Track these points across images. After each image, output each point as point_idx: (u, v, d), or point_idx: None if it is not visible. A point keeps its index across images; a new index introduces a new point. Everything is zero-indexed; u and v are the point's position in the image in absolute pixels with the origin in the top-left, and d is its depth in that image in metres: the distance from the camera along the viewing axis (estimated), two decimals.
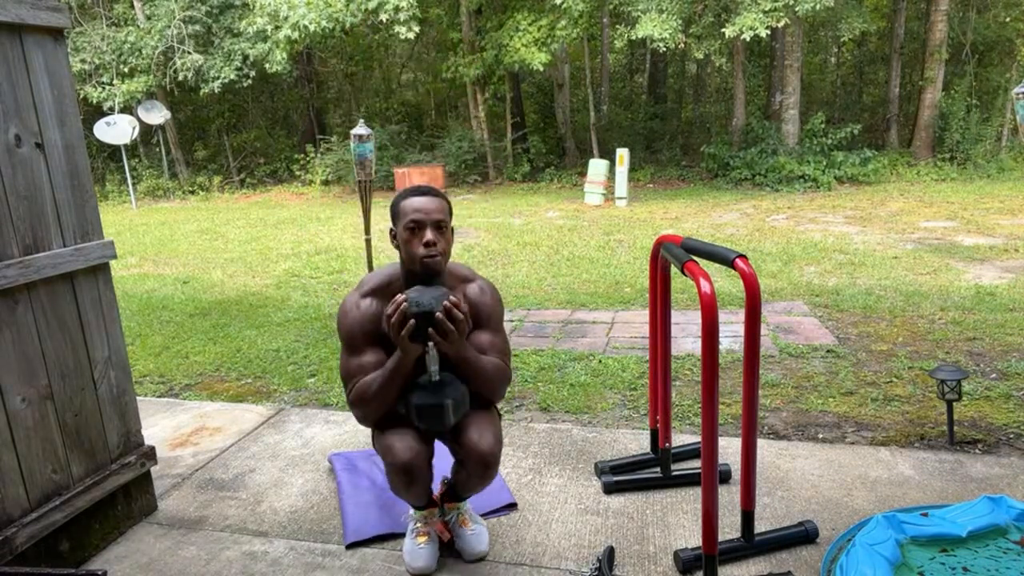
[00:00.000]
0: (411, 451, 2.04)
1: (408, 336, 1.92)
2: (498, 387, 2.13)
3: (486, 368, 2.08)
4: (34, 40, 2.14)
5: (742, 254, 1.99)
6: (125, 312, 5.75)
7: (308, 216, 11.90)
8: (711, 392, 1.95)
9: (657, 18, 11.67)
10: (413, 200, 2.04)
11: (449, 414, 2.00)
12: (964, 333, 4.29)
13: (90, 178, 2.34)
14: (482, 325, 2.17)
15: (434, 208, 2.03)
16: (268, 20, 13.07)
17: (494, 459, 2.08)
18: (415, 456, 2.04)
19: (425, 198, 2.05)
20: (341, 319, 2.13)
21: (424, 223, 2.01)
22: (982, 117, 13.65)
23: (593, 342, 4.46)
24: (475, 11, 14.98)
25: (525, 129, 17.11)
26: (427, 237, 2.00)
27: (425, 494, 2.18)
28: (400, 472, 2.04)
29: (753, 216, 9.71)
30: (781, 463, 2.77)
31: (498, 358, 2.14)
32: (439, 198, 2.07)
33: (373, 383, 2.04)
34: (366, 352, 2.10)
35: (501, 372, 2.13)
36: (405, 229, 2.03)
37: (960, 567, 2.04)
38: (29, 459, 2.12)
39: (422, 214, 2.01)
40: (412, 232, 2.02)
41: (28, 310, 2.13)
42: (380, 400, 2.05)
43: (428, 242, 2.00)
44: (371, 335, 2.10)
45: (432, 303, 1.91)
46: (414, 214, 2.01)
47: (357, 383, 2.08)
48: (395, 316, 1.91)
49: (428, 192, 2.07)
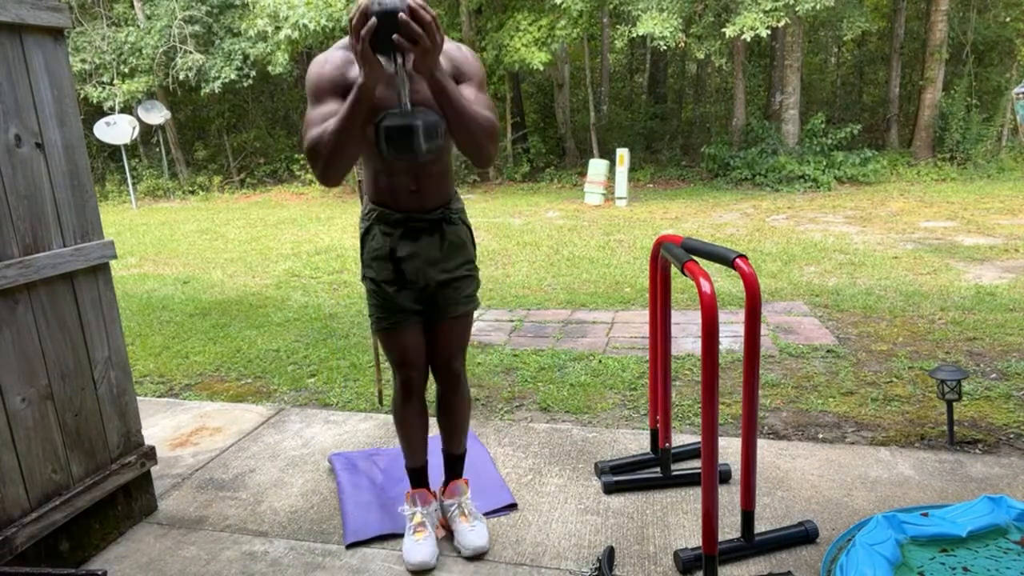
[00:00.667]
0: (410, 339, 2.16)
1: (369, 40, 1.69)
2: (485, 133, 1.90)
3: (468, 108, 1.86)
4: (34, 40, 2.14)
5: (742, 254, 1.99)
6: (125, 312, 5.75)
7: (308, 216, 11.90)
8: (711, 392, 1.95)
9: (658, 16, 11.67)
10: None
11: (419, 137, 1.80)
12: (964, 333, 4.29)
13: (90, 178, 2.35)
14: (463, 79, 1.98)
15: None
16: (268, 21, 13.07)
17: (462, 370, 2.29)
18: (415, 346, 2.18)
19: None
20: (310, 70, 1.94)
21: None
22: (982, 117, 13.65)
23: (593, 342, 4.46)
24: (475, 11, 14.98)
25: (525, 129, 17.11)
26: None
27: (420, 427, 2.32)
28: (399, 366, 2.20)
29: (753, 216, 9.71)
30: (781, 463, 2.77)
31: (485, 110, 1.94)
32: None
33: (331, 122, 1.81)
34: (330, 101, 1.89)
35: (487, 119, 1.90)
36: None
37: (960, 567, 2.04)
38: (29, 459, 2.12)
39: None
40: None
41: (28, 310, 2.13)
42: (340, 141, 1.80)
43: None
44: (339, 84, 1.90)
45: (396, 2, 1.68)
46: None
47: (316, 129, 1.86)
48: (356, 18, 1.69)
49: None
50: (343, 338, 4.76)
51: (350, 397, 3.72)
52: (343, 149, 1.82)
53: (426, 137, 1.81)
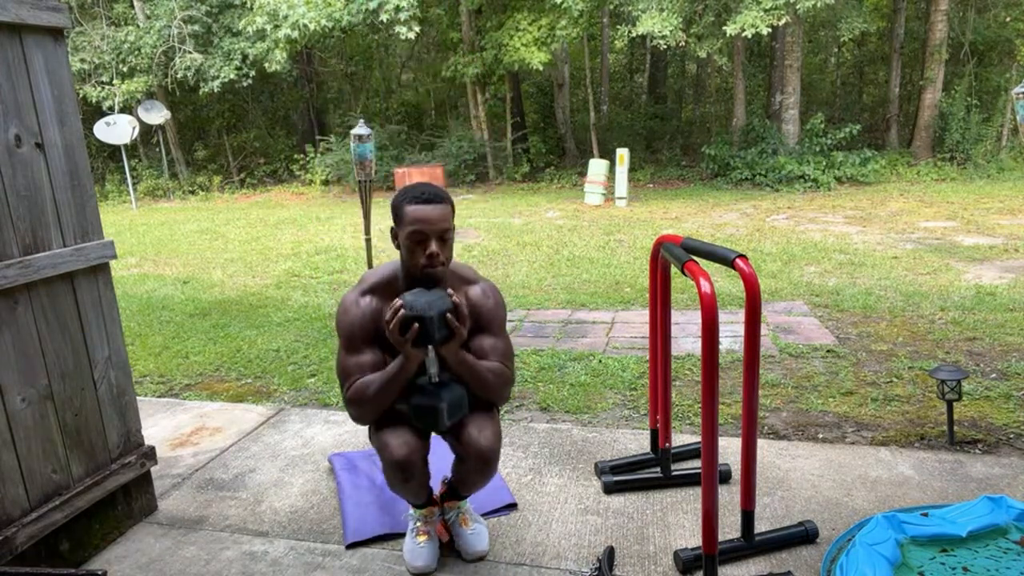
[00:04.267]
0: (406, 447, 2.04)
1: (411, 341, 1.90)
2: (499, 391, 2.12)
3: (485, 373, 2.07)
4: (34, 40, 2.14)
5: (742, 254, 1.99)
6: (125, 312, 5.74)
7: (308, 216, 11.89)
8: (711, 392, 1.95)
9: (658, 15, 11.67)
10: (417, 209, 1.95)
11: (444, 417, 2.00)
12: (964, 333, 4.29)
13: (90, 178, 2.34)
14: (484, 329, 2.14)
15: (439, 218, 1.96)
16: (268, 19, 13.07)
17: (494, 455, 2.08)
18: (410, 452, 2.04)
19: (430, 207, 1.95)
20: (340, 316, 2.10)
21: (428, 235, 1.96)
22: (982, 117, 13.64)
23: (593, 342, 4.46)
24: (475, 11, 14.98)
25: (525, 129, 17.11)
26: (431, 249, 1.96)
27: (423, 491, 2.18)
28: (396, 468, 2.04)
29: (753, 216, 9.71)
30: (781, 463, 2.77)
31: (500, 361, 2.12)
32: (444, 204, 1.99)
33: (371, 384, 2.03)
34: (364, 351, 2.07)
35: (502, 376, 2.11)
36: (407, 238, 1.97)
37: (960, 567, 2.04)
38: (29, 459, 2.12)
39: (426, 225, 1.95)
40: (415, 242, 1.97)
41: (28, 310, 2.13)
42: (378, 402, 2.03)
43: (432, 255, 1.96)
44: (370, 333, 2.08)
45: (429, 307, 1.89)
46: (418, 224, 1.95)
47: (355, 382, 2.05)
48: (394, 322, 1.89)
49: (432, 199, 1.97)
50: None
51: None
52: (380, 406, 2.05)
53: (450, 415, 2.02)
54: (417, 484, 2.12)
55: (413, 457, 2.05)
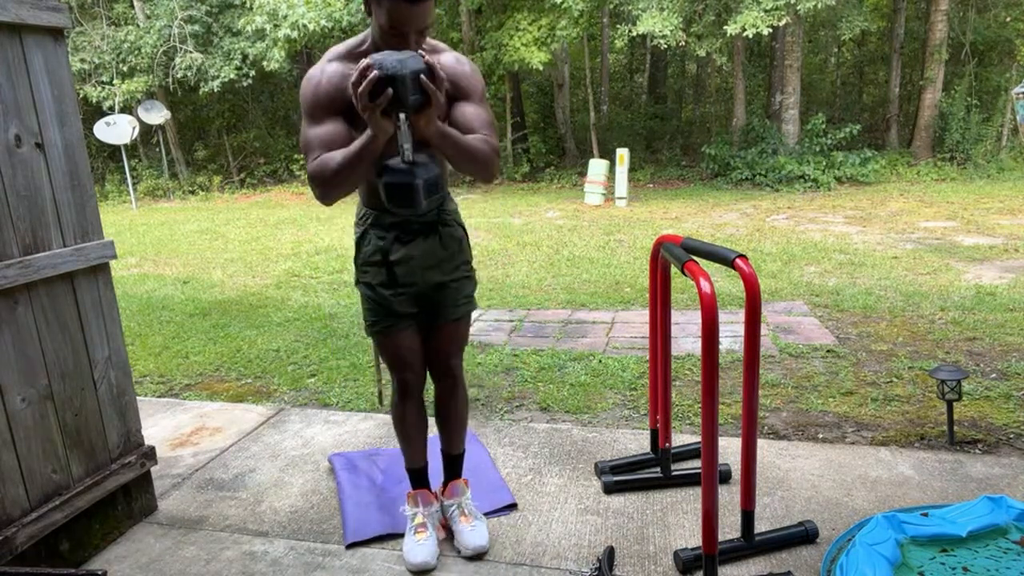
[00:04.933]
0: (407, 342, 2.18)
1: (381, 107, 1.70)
2: (487, 162, 1.93)
3: (471, 144, 1.88)
4: (34, 40, 2.14)
5: (742, 254, 1.99)
6: (125, 312, 5.74)
7: (308, 216, 11.90)
8: (711, 392, 1.95)
9: (658, 15, 11.67)
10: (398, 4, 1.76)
11: (420, 195, 1.82)
12: (964, 333, 4.29)
13: (90, 178, 2.34)
14: (463, 96, 1.97)
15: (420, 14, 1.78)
16: (267, 19, 13.06)
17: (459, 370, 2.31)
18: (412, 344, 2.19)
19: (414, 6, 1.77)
20: (304, 86, 1.92)
21: (407, 34, 1.80)
22: (982, 117, 13.64)
23: (593, 342, 4.46)
24: (475, 11, 14.98)
25: (525, 129, 17.11)
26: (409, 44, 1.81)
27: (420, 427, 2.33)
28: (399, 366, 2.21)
29: (753, 216, 9.71)
30: (781, 463, 2.77)
31: (484, 133, 1.95)
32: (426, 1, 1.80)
33: (335, 158, 1.83)
34: (328, 121, 1.90)
35: (490, 147, 1.93)
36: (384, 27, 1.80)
37: (960, 567, 2.04)
38: (29, 459, 2.12)
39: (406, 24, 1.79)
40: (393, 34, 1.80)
41: (28, 310, 2.13)
42: (342, 178, 1.84)
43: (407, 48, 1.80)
44: (335, 102, 1.90)
45: (401, 66, 1.68)
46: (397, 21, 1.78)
47: (319, 157, 1.86)
48: (363, 84, 1.67)
49: None
50: (343, 338, 4.76)
51: (350, 397, 3.72)
52: (345, 183, 1.85)
53: (426, 193, 1.84)
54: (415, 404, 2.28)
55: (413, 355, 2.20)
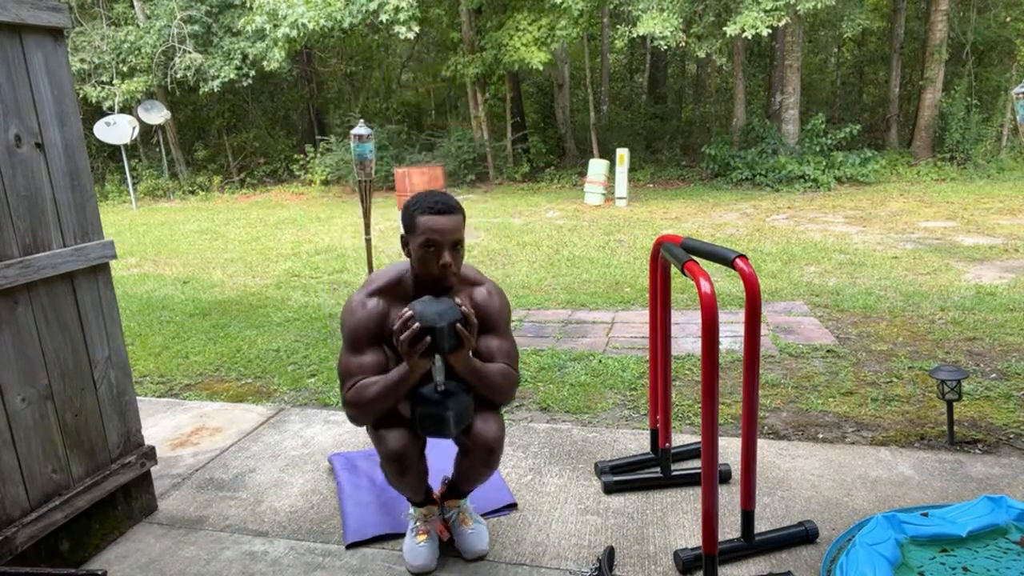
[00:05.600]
0: (402, 439, 2.05)
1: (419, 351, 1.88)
2: (506, 393, 2.11)
3: (493, 376, 2.06)
4: (34, 40, 2.14)
5: (742, 254, 1.99)
6: (125, 312, 5.74)
7: (308, 216, 11.89)
8: (711, 392, 1.95)
9: (658, 16, 11.67)
10: (431, 219, 1.95)
11: (451, 425, 1.98)
12: (964, 333, 4.29)
13: (90, 178, 2.34)
14: (489, 330, 2.14)
15: (452, 228, 1.96)
16: (267, 19, 13.07)
17: (498, 446, 2.10)
18: (406, 445, 2.05)
19: (443, 217, 1.95)
20: (346, 316, 2.09)
21: (441, 245, 1.96)
22: (982, 117, 13.64)
23: (593, 342, 4.46)
24: (475, 11, 14.98)
25: (525, 129, 17.11)
26: (444, 260, 1.96)
27: (420, 485, 2.19)
28: (392, 460, 2.05)
29: (753, 216, 9.71)
30: (781, 463, 2.77)
31: (506, 362, 2.12)
32: (456, 215, 1.99)
33: (372, 387, 2.00)
34: (367, 352, 2.06)
35: (509, 378, 2.10)
36: (420, 247, 1.97)
37: (960, 567, 2.04)
38: (29, 459, 2.12)
39: (439, 235, 1.95)
40: (427, 251, 1.96)
41: (28, 310, 2.13)
42: (377, 405, 2.01)
43: (445, 264, 1.96)
44: (375, 335, 2.07)
45: (440, 317, 1.86)
46: (431, 234, 1.94)
47: (356, 383, 2.04)
48: (405, 333, 1.87)
49: (445, 210, 1.97)
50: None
51: None
52: (379, 409, 2.03)
53: (456, 423, 2.00)
54: (414, 478, 2.13)
55: (408, 450, 2.05)
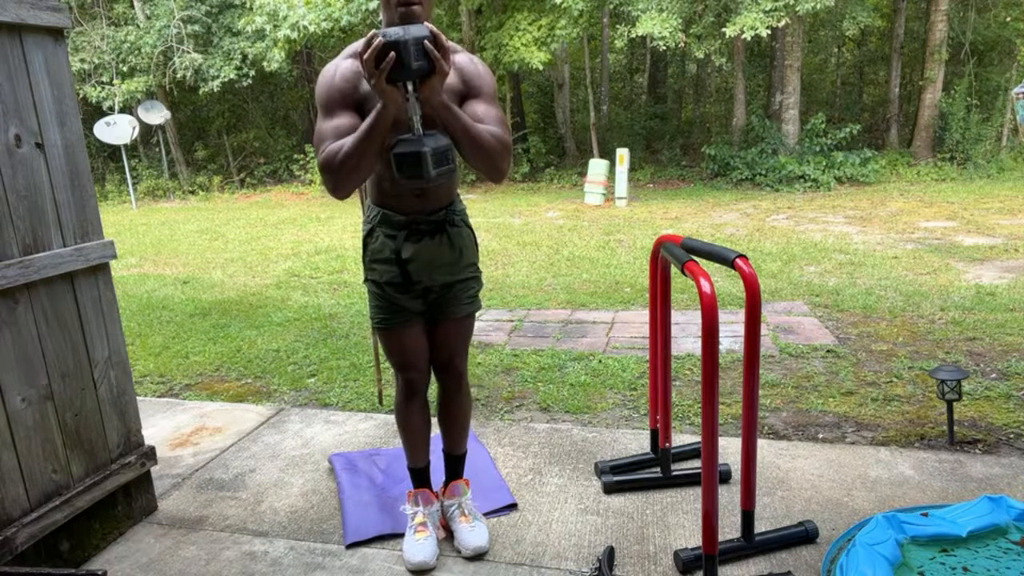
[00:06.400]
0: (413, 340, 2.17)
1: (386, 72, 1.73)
2: (497, 155, 1.96)
3: (480, 132, 1.91)
4: (34, 40, 2.14)
5: (742, 254, 1.99)
6: (125, 312, 5.74)
7: (308, 216, 11.89)
8: (711, 392, 1.95)
9: (657, 16, 11.67)
10: None
11: (428, 163, 1.83)
12: (964, 333, 4.29)
13: (90, 178, 2.35)
14: (475, 94, 2.01)
15: None
16: (267, 19, 13.07)
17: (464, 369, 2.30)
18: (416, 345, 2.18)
19: None
20: (319, 82, 1.98)
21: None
22: (982, 117, 13.64)
23: (593, 342, 4.46)
24: (475, 11, 14.98)
25: (525, 129, 17.11)
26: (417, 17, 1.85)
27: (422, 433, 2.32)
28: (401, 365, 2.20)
29: (753, 216, 9.71)
30: (781, 463, 2.77)
31: (495, 127, 1.98)
32: None
33: (346, 142, 1.86)
34: (342, 114, 1.94)
35: (500, 139, 1.95)
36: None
37: (960, 567, 2.04)
38: (29, 459, 2.12)
39: None
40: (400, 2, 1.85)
41: (28, 310, 2.13)
42: (354, 162, 1.85)
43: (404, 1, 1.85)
44: (349, 96, 1.95)
45: (404, 32, 1.73)
46: None
47: (330, 145, 1.90)
48: (369, 51, 1.71)
49: None
50: (343, 338, 4.76)
51: (350, 397, 3.72)
52: (357, 168, 1.86)
53: (435, 163, 1.85)
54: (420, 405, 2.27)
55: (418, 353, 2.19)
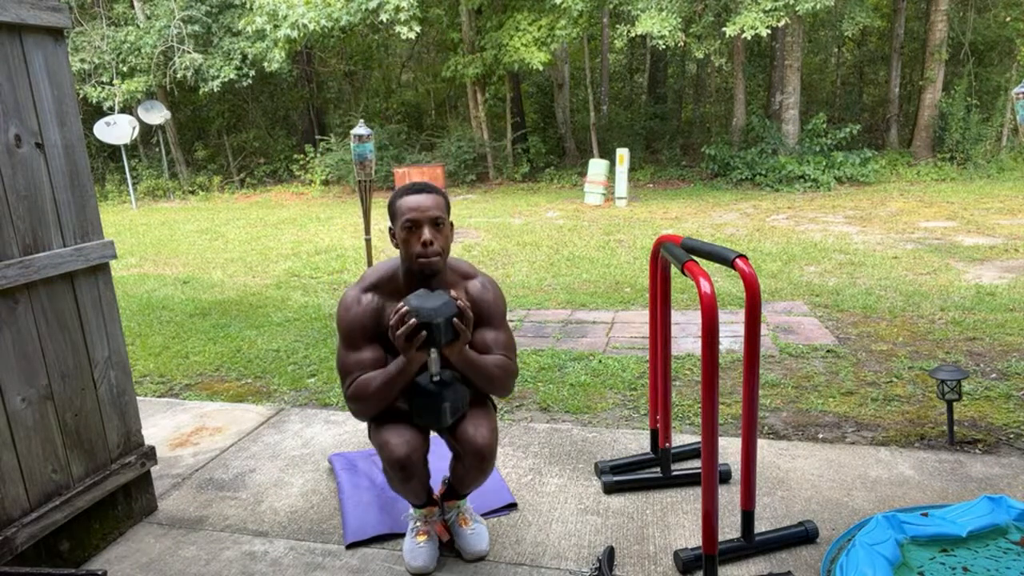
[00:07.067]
0: (407, 446, 2.04)
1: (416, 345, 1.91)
2: (504, 384, 2.13)
3: (490, 367, 2.08)
4: (34, 40, 2.14)
5: (742, 254, 1.99)
6: (125, 312, 5.74)
7: (308, 216, 11.89)
8: (711, 392, 1.95)
9: (657, 16, 11.67)
10: (409, 199, 2.03)
11: (446, 415, 2.02)
12: (964, 333, 4.29)
13: (90, 178, 2.34)
14: (485, 323, 2.16)
15: (431, 205, 2.02)
16: (267, 19, 13.07)
17: (490, 452, 2.09)
18: (411, 451, 2.04)
19: (421, 196, 2.03)
20: (341, 314, 2.11)
21: (421, 222, 2.00)
22: (982, 117, 13.64)
23: (593, 342, 4.46)
24: (475, 11, 14.98)
25: (525, 129, 17.11)
26: (424, 236, 1.99)
27: (423, 490, 2.19)
28: (396, 467, 2.05)
29: (753, 216, 9.71)
30: (781, 463, 2.77)
31: (503, 354, 2.14)
32: (435, 194, 2.05)
33: (372, 382, 2.04)
34: (364, 348, 2.09)
35: (506, 369, 2.12)
36: (402, 228, 2.02)
37: (960, 567, 2.04)
38: (29, 459, 2.12)
39: (418, 212, 2.00)
40: (409, 231, 2.01)
41: (28, 310, 2.13)
42: (378, 399, 2.04)
43: (425, 241, 1.99)
44: (370, 331, 2.09)
45: (436, 313, 1.90)
46: (410, 213, 2.01)
47: (356, 380, 2.07)
48: (402, 329, 1.90)
49: (424, 189, 2.05)
50: None
51: None
52: (380, 404, 2.06)
53: (452, 412, 2.04)
54: (417, 483, 2.13)
55: (414, 456, 2.05)
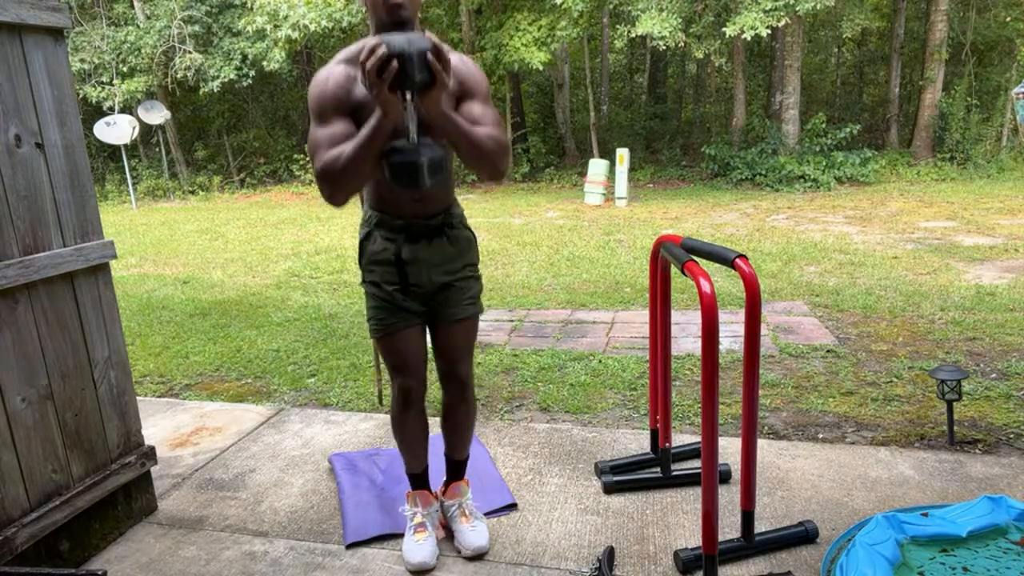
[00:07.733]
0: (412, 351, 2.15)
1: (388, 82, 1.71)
2: (497, 158, 1.94)
3: (479, 137, 1.89)
4: (34, 40, 2.14)
5: (742, 254, 1.99)
6: (125, 312, 5.74)
7: (308, 216, 11.89)
8: (711, 392, 1.95)
9: (657, 16, 11.68)
10: None
11: (424, 173, 1.84)
12: (964, 333, 4.29)
13: (90, 178, 2.34)
14: (469, 95, 1.99)
15: None
16: (268, 19, 13.07)
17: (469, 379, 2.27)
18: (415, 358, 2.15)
19: None
20: (312, 88, 1.94)
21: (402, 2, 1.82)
22: (982, 117, 13.65)
23: (593, 342, 4.46)
24: (475, 11, 14.98)
25: (525, 129, 17.12)
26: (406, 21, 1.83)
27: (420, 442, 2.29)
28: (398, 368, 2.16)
29: (753, 216, 9.71)
30: (781, 463, 2.77)
31: (492, 128, 1.95)
32: None
33: (345, 149, 1.84)
34: (336, 121, 1.91)
35: (498, 141, 1.93)
36: None
37: (960, 567, 2.04)
38: (29, 459, 2.12)
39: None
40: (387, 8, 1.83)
41: (28, 310, 2.13)
42: (353, 168, 1.83)
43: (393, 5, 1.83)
44: (343, 103, 1.92)
45: (408, 43, 1.71)
46: None
47: (327, 153, 1.87)
48: (371, 60, 1.68)
49: None
50: (343, 338, 4.76)
51: (350, 397, 3.72)
52: (356, 176, 1.85)
53: (430, 173, 1.85)
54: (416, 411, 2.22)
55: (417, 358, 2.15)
